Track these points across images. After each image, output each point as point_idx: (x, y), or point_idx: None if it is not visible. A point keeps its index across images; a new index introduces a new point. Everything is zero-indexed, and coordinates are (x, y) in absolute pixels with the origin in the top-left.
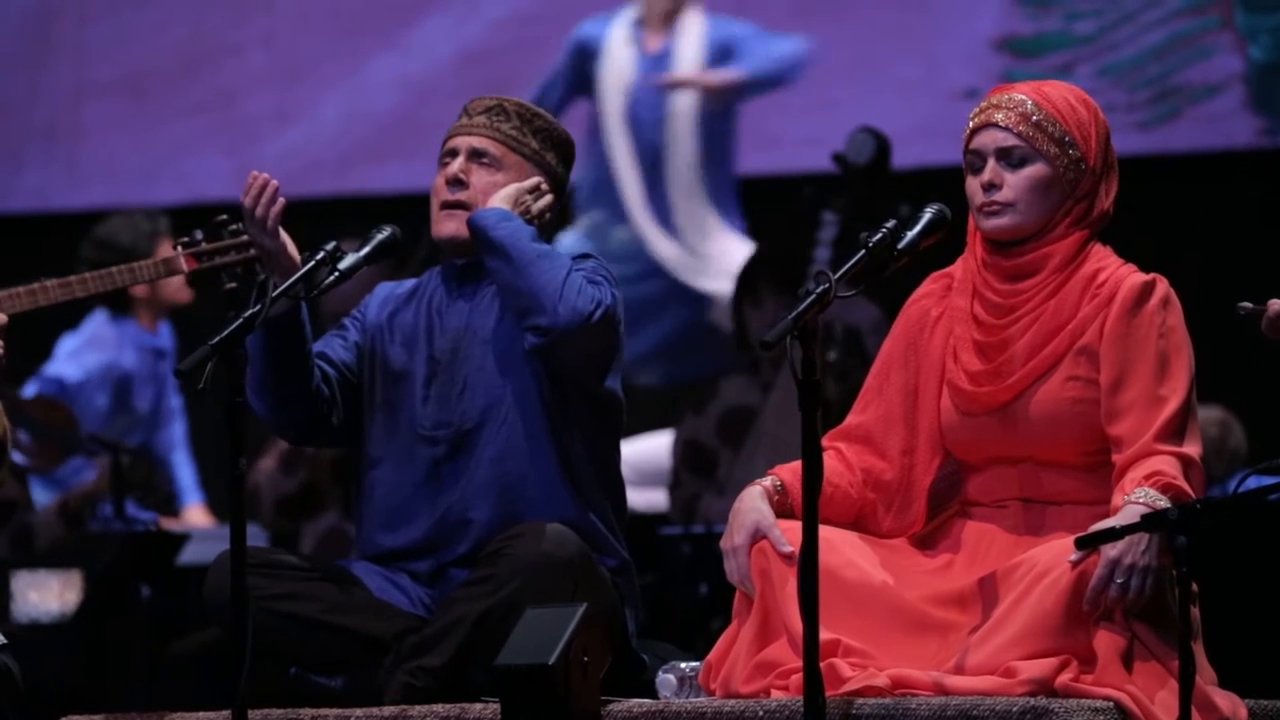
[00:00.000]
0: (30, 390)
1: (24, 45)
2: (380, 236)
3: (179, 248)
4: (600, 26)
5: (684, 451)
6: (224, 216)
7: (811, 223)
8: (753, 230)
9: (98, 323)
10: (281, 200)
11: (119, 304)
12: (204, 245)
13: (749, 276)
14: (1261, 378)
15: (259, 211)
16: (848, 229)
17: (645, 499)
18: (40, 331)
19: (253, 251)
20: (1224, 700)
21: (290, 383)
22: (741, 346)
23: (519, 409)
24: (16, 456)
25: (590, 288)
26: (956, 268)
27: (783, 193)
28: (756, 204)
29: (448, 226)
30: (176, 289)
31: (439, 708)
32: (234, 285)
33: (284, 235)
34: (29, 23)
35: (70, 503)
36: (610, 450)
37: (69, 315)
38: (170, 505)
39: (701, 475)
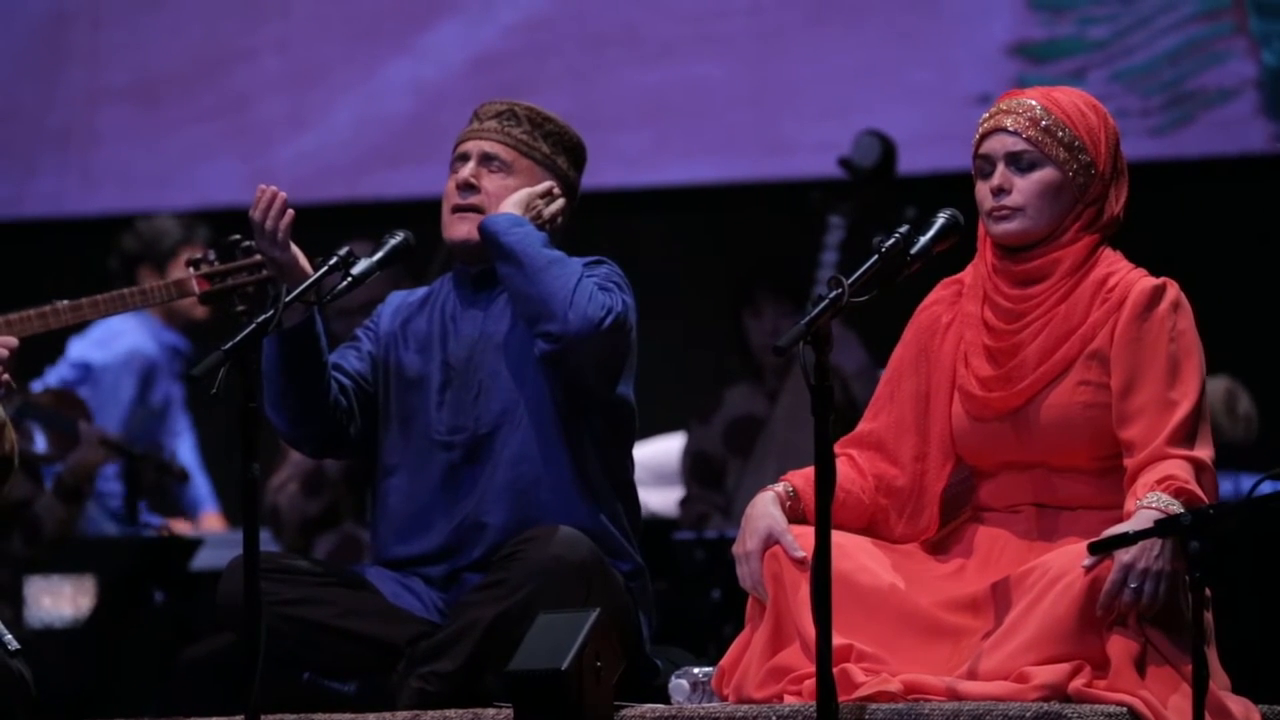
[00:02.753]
0: (53, 377)
1: (37, 51)
2: (393, 241)
3: (191, 268)
4: None
5: (692, 464)
6: (236, 236)
7: (819, 227)
8: (759, 235)
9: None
10: (291, 212)
11: None
12: (216, 266)
13: (747, 285)
14: (1272, 383)
15: (268, 225)
16: (854, 232)
17: (659, 499)
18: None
19: (265, 272)
20: (1237, 705)
21: (308, 394)
22: (742, 355)
23: (533, 414)
24: (39, 444)
25: (601, 294)
26: (967, 273)
27: (796, 197)
28: (767, 209)
29: (459, 230)
30: (190, 304)
31: (452, 713)
32: (244, 309)
33: (295, 248)
34: (43, 28)
35: (64, 479)
36: (623, 456)
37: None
38: (181, 492)
39: (710, 486)
